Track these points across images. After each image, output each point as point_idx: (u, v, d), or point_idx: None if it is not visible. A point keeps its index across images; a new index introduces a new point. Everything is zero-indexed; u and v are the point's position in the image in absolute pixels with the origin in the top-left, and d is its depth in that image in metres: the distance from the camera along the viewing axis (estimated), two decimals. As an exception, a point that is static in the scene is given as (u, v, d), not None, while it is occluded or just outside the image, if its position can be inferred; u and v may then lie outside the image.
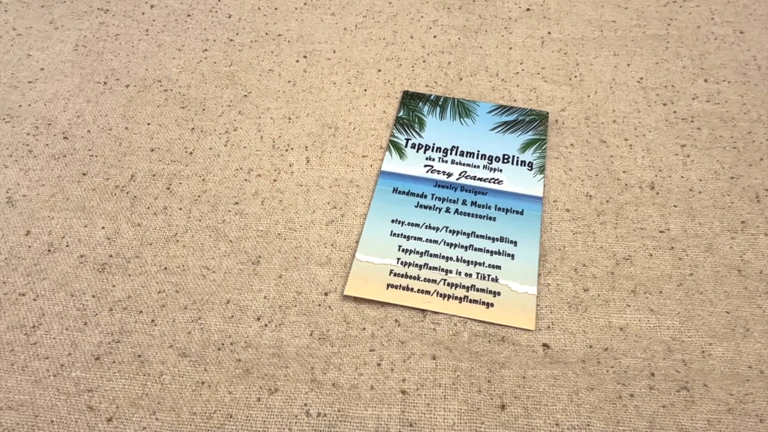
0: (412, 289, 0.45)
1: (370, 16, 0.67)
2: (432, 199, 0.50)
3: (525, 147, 0.54)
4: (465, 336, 0.43)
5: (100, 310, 0.44)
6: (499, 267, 0.46)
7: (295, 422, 0.39)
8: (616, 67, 0.61)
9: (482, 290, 0.45)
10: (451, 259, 0.47)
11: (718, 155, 0.54)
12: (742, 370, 0.42)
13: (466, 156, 0.53)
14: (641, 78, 0.60)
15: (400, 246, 0.47)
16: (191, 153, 0.54)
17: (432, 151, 0.54)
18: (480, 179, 0.52)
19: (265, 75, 0.61)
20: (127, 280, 0.46)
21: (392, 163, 0.53)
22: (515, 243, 0.48)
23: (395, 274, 0.46)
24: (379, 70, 0.61)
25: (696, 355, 0.42)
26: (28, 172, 0.52)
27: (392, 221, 0.49)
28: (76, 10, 0.67)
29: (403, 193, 0.51)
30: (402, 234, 0.48)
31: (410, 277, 0.46)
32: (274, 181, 0.52)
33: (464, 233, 0.48)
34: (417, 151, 0.54)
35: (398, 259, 0.47)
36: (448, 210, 0.50)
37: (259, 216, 0.50)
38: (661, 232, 0.49)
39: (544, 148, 0.54)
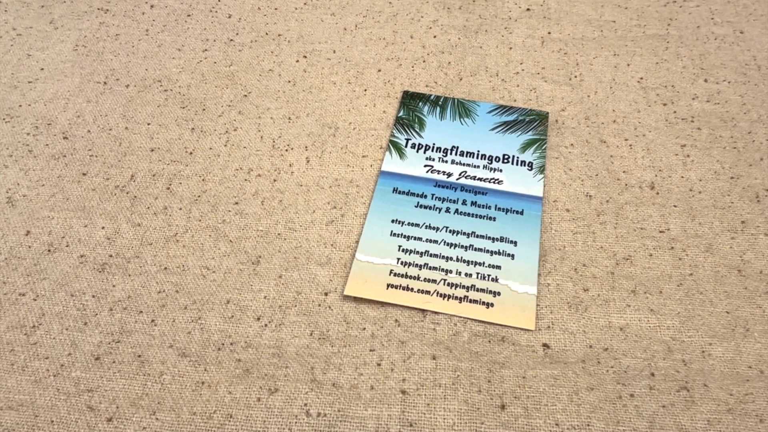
0: (412, 289, 0.45)
1: (370, 16, 0.67)
2: (432, 199, 0.50)
3: (525, 147, 0.54)
4: (465, 336, 0.43)
5: (100, 310, 0.44)
6: (499, 267, 0.46)
7: (295, 422, 0.39)
8: (616, 67, 0.61)
9: (482, 290, 0.45)
10: (451, 259, 0.47)
11: (718, 155, 0.54)
12: (742, 370, 0.42)
13: (466, 156, 0.53)
14: (641, 78, 0.60)
15: (400, 246, 0.47)
16: (191, 153, 0.54)
17: (432, 151, 0.54)
18: (480, 179, 0.52)
19: (265, 75, 0.61)
20: (127, 280, 0.46)
21: (392, 163, 0.53)
22: (515, 243, 0.48)
23: (395, 274, 0.46)
24: (379, 70, 0.61)
25: (696, 355, 0.42)
26: (28, 172, 0.52)
27: (392, 221, 0.49)
28: (76, 10, 0.67)
29: (403, 193, 0.51)
30: (402, 234, 0.48)
31: (410, 277, 0.46)
32: (274, 181, 0.52)
33: (464, 233, 0.48)
34: (417, 151, 0.54)
35: (398, 259, 0.47)
36: (448, 210, 0.50)
37: (259, 216, 0.50)
38: (661, 232, 0.49)
39: (544, 148, 0.54)
